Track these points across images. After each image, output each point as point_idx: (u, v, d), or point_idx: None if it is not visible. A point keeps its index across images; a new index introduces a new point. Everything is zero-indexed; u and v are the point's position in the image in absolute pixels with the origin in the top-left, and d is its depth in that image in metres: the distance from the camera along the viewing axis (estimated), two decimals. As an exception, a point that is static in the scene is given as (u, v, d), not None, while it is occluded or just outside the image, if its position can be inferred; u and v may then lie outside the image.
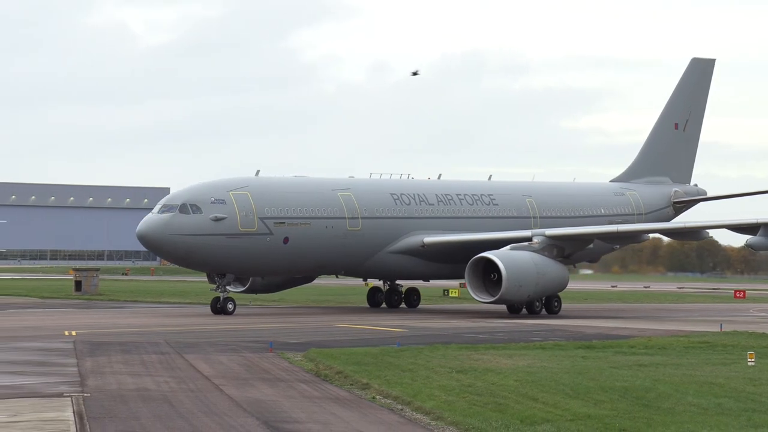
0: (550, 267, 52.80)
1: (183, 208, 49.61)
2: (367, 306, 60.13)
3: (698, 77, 68.97)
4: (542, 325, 45.17)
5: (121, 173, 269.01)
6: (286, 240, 51.53)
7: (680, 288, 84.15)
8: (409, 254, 55.82)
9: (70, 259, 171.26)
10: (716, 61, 69.09)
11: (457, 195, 59.20)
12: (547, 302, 54.55)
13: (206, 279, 55.44)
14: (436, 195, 58.35)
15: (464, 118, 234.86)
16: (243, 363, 28.98)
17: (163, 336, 37.30)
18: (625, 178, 68.73)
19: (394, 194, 56.73)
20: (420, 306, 60.01)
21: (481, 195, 60.15)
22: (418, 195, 57.56)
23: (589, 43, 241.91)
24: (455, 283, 73.67)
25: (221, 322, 46.23)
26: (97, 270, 75.11)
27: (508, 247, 52.97)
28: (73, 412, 20.12)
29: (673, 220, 65.78)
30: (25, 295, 67.79)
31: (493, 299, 51.37)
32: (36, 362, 29.07)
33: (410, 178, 59.95)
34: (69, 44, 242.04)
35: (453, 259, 55.44)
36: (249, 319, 47.83)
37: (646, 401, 22.01)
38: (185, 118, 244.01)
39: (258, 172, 53.98)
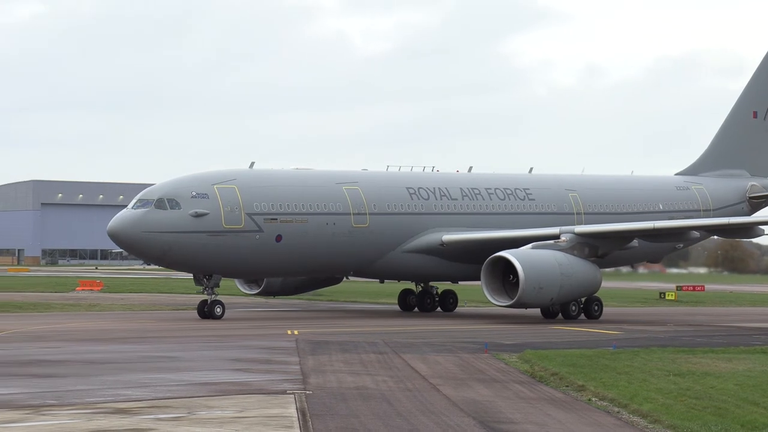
0: (577, 268, 47.72)
1: (159, 203, 45.50)
2: (399, 309, 55.35)
3: None
4: (763, 329, 44.02)
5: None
6: (278, 238, 47.22)
7: None
8: (426, 253, 51.04)
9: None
10: None
11: (486, 189, 54.07)
12: (586, 306, 49.42)
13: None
14: (461, 189, 53.30)
15: (678, 119, 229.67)
16: (459, 363, 29.33)
17: (380, 336, 38.03)
18: (693, 171, 62.43)
19: (411, 188, 51.81)
20: (457, 310, 55.23)
21: (515, 189, 54.89)
22: (440, 189, 52.55)
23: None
24: (671, 285, 70.96)
25: (435, 323, 46.81)
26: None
27: (529, 245, 48.14)
28: (296, 409, 20.80)
29: (743, 217, 58.97)
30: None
31: (510, 302, 46.71)
32: (261, 360, 30.10)
33: (435, 170, 55.17)
34: (289, 54, 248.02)
35: (476, 259, 49.28)
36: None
37: None
38: (397, 124, 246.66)
39: (252, 164, 49.78)
